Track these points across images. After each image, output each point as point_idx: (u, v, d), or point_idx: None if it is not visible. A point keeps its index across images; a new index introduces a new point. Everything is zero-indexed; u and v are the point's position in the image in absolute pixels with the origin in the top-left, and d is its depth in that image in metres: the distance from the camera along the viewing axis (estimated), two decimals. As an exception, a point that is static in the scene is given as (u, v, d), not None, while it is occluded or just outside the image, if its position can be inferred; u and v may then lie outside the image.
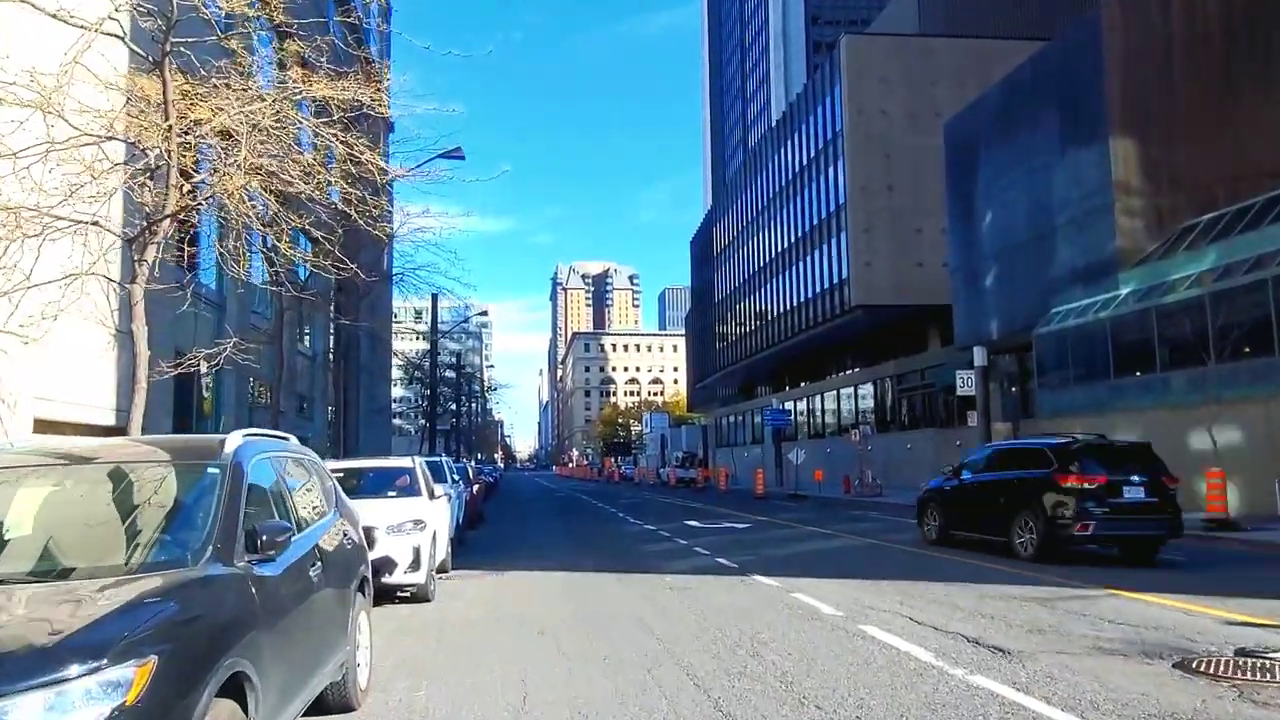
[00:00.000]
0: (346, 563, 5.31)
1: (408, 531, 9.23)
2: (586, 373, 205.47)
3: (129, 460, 4.40)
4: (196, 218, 16.40)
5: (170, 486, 4.11)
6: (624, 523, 21.96)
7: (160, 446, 4.68)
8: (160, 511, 4.02)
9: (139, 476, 4.19)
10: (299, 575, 4.25)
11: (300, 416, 33.09)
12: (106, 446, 4.76)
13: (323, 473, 5.77)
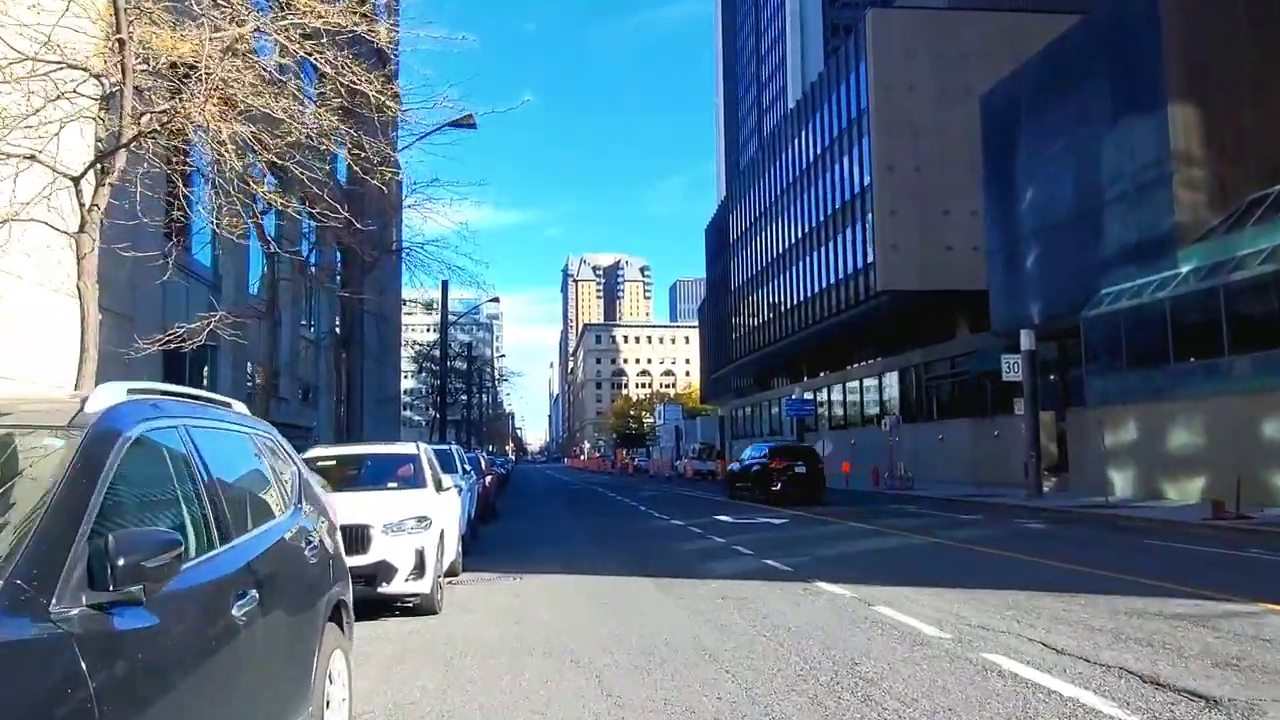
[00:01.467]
0: (309, 585, 3.72)
1: (410, 530, 7.66)
2: (597, 365, 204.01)
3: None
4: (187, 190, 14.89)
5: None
6: (648, 518, 20.38)
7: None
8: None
9: None
10: (208, 616, 2.62)
11: (304, 405, 31.63)
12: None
13: (284, 456, 4.18)
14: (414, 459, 9.44)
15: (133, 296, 16.48)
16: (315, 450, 9.61)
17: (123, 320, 15.35)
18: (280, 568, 3.36)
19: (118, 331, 14.53)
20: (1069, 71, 28.35)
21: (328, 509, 4.56)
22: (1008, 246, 31.77)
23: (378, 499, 8.19)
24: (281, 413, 28.65)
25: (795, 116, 58.02)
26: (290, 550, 3.59)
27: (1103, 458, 22.86)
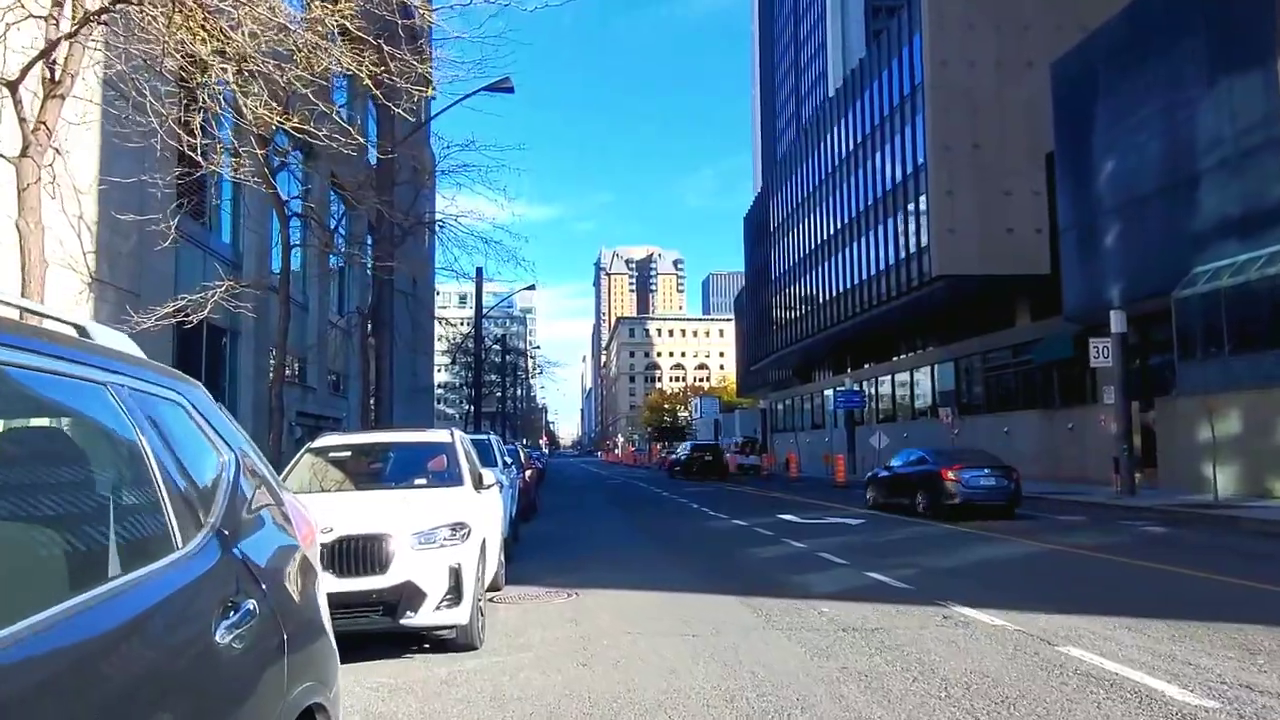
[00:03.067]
0: (230, 697, 1.86)
1: (443, 542, 5.85)
2: (631, 358, 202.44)
3: None
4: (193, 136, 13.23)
5: None
6: (704, 516, 18.51)
7: None
8: None
9: None
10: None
11: (333, 395, 30.13)
12: None
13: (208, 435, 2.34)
14: (448, 449, 7.63)
15: (139, 271, 14.88)
16: (325, 439, 7.85)
17: (127, 296, 13.73)
18: (139, 675, 1.51)
19: (120, 310, 12.94)
20: (1155, 32, 25.93)
21: (297, 526, 2.72)
22: (1083, 224, 29.40)
23: (402, 501, 6.40)
24: (309, 402, 27.20)
25: (839, 100, 55.65)
26: (179, 633, 1.72)
27: (1205, 452, 20.57)
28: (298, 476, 7.24)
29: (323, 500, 6.60)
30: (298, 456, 7.59)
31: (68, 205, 13.52)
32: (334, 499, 6.65)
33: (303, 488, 7.12)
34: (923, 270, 41.67)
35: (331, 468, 7.51)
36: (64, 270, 13.23)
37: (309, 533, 2.78)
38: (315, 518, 5.57)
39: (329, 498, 6.73)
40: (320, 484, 7.26)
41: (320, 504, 6.45)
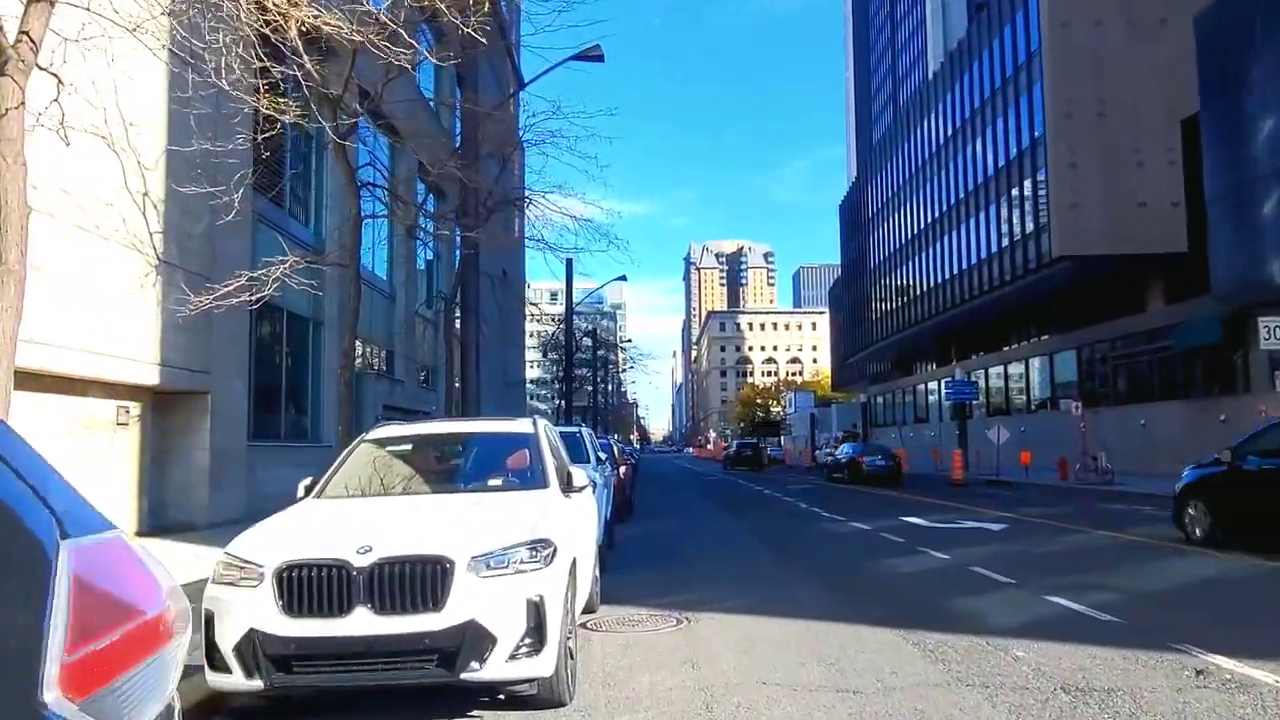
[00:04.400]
0: None
1: (519, 567, 4.33)
2: (722, 352, 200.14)
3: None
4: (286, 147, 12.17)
5: None
6: (818, 518, 16.72)
7: None
8: None
9: None
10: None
11: (422, 388, 29.32)
12: None
13: None
14: (528, 441, 6.13)
15: (211, 255, 13.97)
16: (384, 428, 6.46)
17: (195, 279, 12.81)
18: None
19: (187, 292, 11.97)
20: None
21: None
22: (1235, 194, 26.29)
23: (468, 509, 4.91)
24: (397, 395, 26.41)
25: (941, 77, 52.58)
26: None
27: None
28: (347, 474, 5.86)
29: (365, 509, 5.19)
30: (349, 449, 6.22)
31: (131, 181, 12.68)
32: (379, 507, 5.23)
33: (351, 488, 5.74)
34: (1040, 251, 38.61)
35: (389, 465, 6.12)
36: (129, 251, 12.40)
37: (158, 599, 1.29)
38: (347, 535, 4.11)
39: (374, 505, 5.32)
40: (373, 485, 5.86)
41: (361, 514, 5.02)
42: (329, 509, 5.04)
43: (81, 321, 11.20)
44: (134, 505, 13.13)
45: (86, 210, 11.38)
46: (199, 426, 14.18)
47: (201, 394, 14.12)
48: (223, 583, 4.31)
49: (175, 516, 13.88)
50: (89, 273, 11.36)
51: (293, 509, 5.22)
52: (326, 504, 5.27)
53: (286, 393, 18.47)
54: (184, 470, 14.06)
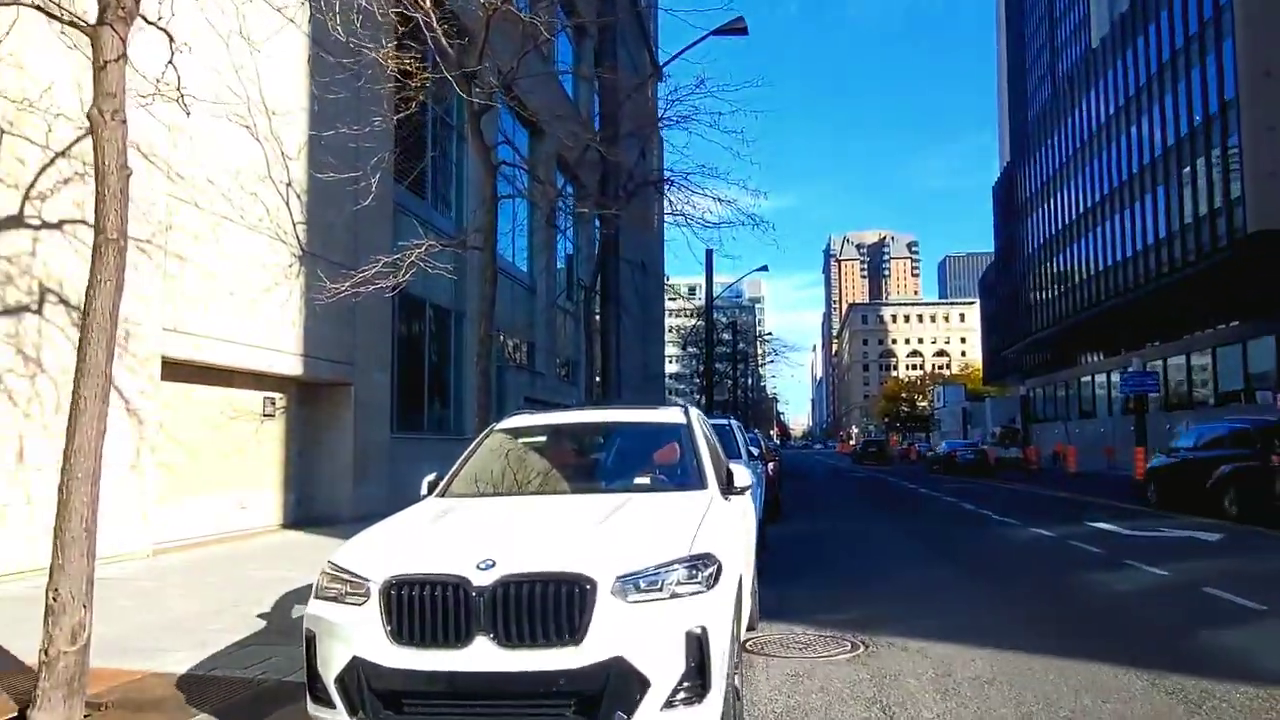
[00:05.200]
0: None
1: (676, 590, 3.44)
2: (864, 346, 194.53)
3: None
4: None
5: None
6: (987, 521, 15.17)
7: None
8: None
9: None
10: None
11: (563, 381, 29.10)
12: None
13: None
14: (680, 433, 5.25)
15: (353, 246, 13.87)
16: (516, 418, 5.72)
17: (338, 269, 12.66)
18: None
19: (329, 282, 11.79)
20: None
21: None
22: None
23: (611, 514, 4.04)
24: (538, 388, 26.22)
25: (1108, 44, 48.50)
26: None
27: None
28: (476, 469, 5.16)
29: (491, 511, 4.43)
30: (479, 439, 5.52)
31: (274, 170, 12.65)
32: (508, 510, 4.46)
33: (480, 485, 5.02)
34: (1232, 227, 34.89)
35: (522, 458, 5.38)
36: (273, 241, 12.35)
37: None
38: (465, 546, 3.36)
39: (502, 507, 4.55)
40: (504, 481, 5.13)
41: (486, 518, 4.26)
42: (451, 511, 4.30)
43: (227, 312, 11.14)
44: (280, 497, 13.13)
45: (232, 200, 11.32)
46: (343, 418, 14.10)
47: (345, 385, 14.03)
48: (326, 598, 3.64)
49: (320, 509, 13.85)
50: (234, 263, 11.30)
51: (411, 510, 4.54)
52: (449, 504, 4.55)
53: (429, 385, 18.39)
54: (328, 462, 14.01)
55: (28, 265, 8.23)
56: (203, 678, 4.83)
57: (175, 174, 10.23)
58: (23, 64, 8.22)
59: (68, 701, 4.06)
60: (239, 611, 6.67)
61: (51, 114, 8.36)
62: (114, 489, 9.22)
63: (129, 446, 9.45)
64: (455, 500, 4.67)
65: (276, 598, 7.25)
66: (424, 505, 4.65)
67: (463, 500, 4.63)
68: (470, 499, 4.70)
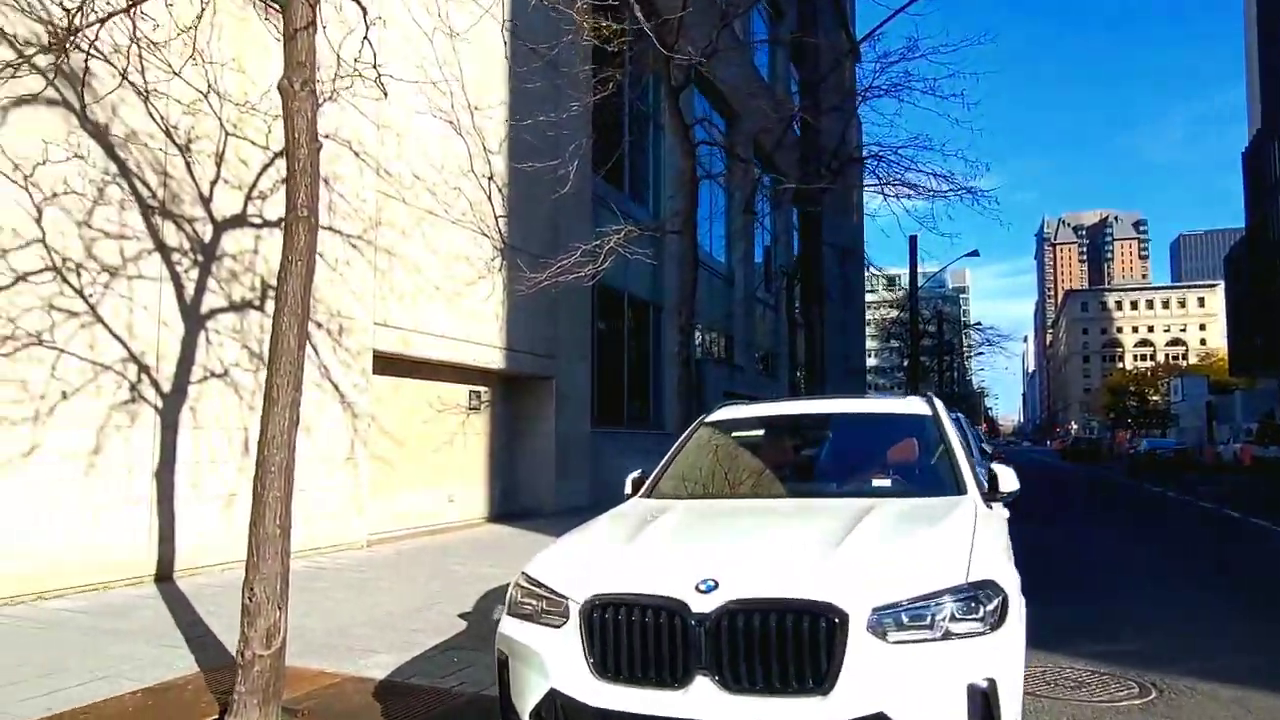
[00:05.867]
0: None
1: (946, 627, 2.67)
2: (1084, 335, 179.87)
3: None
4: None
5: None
6: (1269, 535, 13.00)
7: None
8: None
9: None
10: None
11: (763, 375, 28.33)
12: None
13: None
14: (924, 425, 4.43)
15: (554, 239, 13.78)
16: (727, 410, 5.07)
17: (539, 263, 12.56)
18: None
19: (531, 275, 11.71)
20: None
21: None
22: None
23: (852, 526, 3.28)
24: (737, 382, 25.56)
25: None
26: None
27: None
28: (684, 467, 4.57)
29: (706, 518, 3.79)
30: (687, 433, 4.93)
31: (477, 164, 12.73)
32: (725, 517, 3.81)
33: (688, 486, 4.43)
34: None
35: (735, 455, 4.73)
36: (476, 235, 12.43)
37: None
38: (682, 562, 2.73)
39: (719, 514, 3.90)
40: (714, 482, 4.50)
41: (701, 526, 3.63)
42: (660, 516, 3.69)
43: (433, 306, 11.26)
44: (485, 491, 13.24)
45: (436, 195, 11.44)
46: (545, 412, 14.07)
47: (546, 379, 13.99)
48: (519, 616, 3.15)
49: (523, 503, 13.87)
50: (439, 257, 11.40)
51: (615, 513, 3.98)
52: (657, 507, 3.94)
53: (627, 378, 18.20)
54: (530, 456, 14.01)
55: (251, 263, 8.49)
56: (400, 686, 4.54)
57: (383, 170, 10.40)
58: (244, 68, 8.50)
59: (263, 709, 3.83)
60: (441, 610, 6.46)
61: (270, 115, 8.59)
62: (332, 481, 9.45)
63: (344, 440, 9.66)
64: (663, 502, 4.09)
65: (478, 596, 7.03)
66: (629, 508, 4.09)
67: (672, 503, 4.02)
68: (680, 501, 4.09)
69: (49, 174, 6.68)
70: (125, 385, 7.21)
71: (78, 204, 6.89)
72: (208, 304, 7.99)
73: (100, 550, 6.96)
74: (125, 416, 7.19)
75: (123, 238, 7.24)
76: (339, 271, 9.57)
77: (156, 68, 7.54)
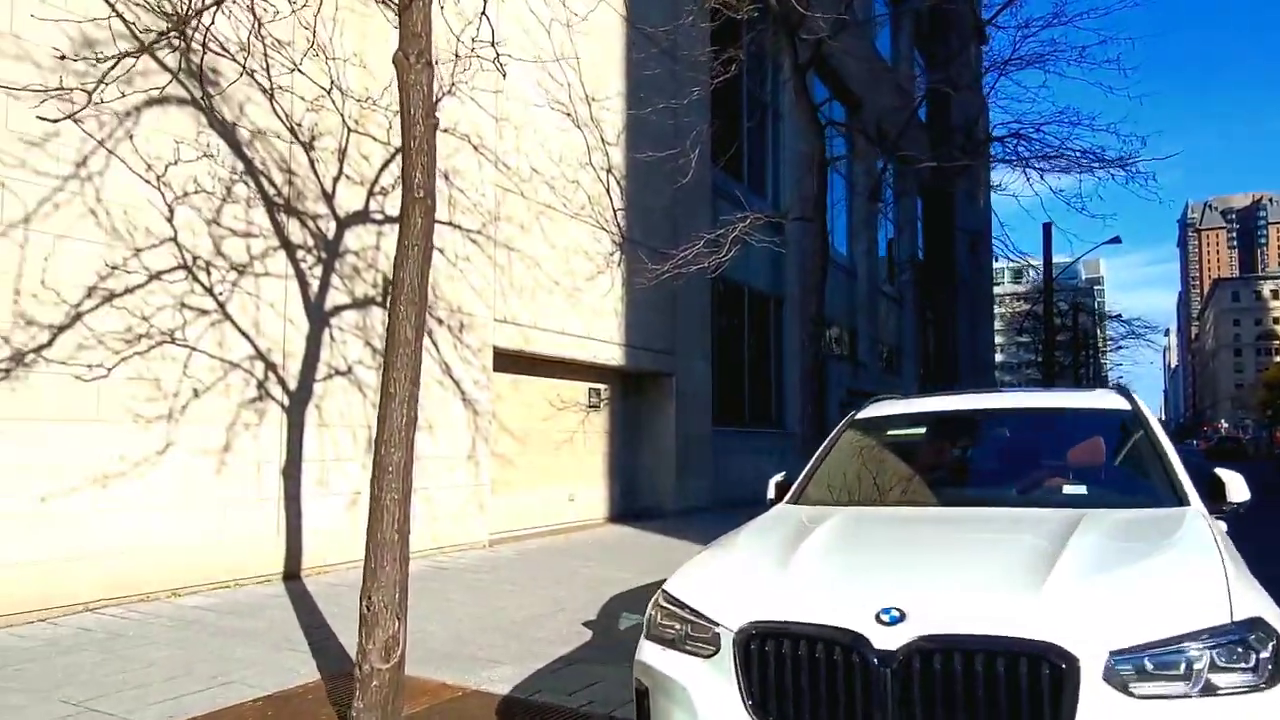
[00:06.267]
0: None
1: (1206, 678, 2.11)
2: (1235, 327, 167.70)
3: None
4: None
5: None
6: None
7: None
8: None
9: None
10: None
11: (886, 372, 27.23)
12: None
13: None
14: (1123, 423, 3.79)
15: (672, 232, 13.39)
16: (877, 405, 4.52)
17: (658, 256, 12.23)
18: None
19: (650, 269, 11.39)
20: None
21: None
22: None
23: (1056, 544, 2.71)
24: (861, 379, 24.57)
25: None
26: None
27: None
28: (833, 469, 4.08)
29: (873, 529, 3.28)
30: (833, 436, 4.42)
31: (594, 157, 12.48)
32: (895, 531, 3.27)
33: (843, 491, 3.93)
34: None
35: (890, 458, 4.20)
36: (594, 229, 12.18)
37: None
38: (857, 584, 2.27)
39: (885, 526, 3.37)
40: (871, 487, 3.98)
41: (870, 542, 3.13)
42: (817, 528, 3.17)
43: (552, 302, 11.05)
44: (605, 490, 12.98)
45: (555, 188, 11.22)
46: (665, 410, 13.71)
47: (666, 376, 13.63)
48: (661, 641, 2.74)
49: (643, 502, 13.55)
50: (557, 252, 11.19)
51: (761, 523, 3.51)
52: (811, 517, 3.44)
53: (749, 375, 17.65)
54: (651, 455, 13.68)
55: (373, 259, 8.43)
56: (525, 704, 4.22)
57: (502, 164, 10.24)
58: (365, 63, 8.45)
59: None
60: (566, 616, 6.16)
61: (391, 111, 8.51)
62: (453, 479, 9.34)
63: (465, 438, 9.53)
64: (815, 510, 3.60)
65: (603, 602, 6.69)
66: (777, 516, 3.62)
67: (827, 511, 3.51)
68: (835, 509, 3.59)
69: (180, 173, 6.72)
70: (253, 383, 7.21)
71: (207, 202, 6.91)
72: (331, 301, 7.95)
73: (230, 548, 6.98)
74: (254, 414, 7.20)
75: (249, 235, 7.25)
76: (459, 267, 9.44)
77: (280, 64, 7.54)
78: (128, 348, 6.30)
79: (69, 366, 5.96)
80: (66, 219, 6.00)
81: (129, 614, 5.92)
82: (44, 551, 5.79)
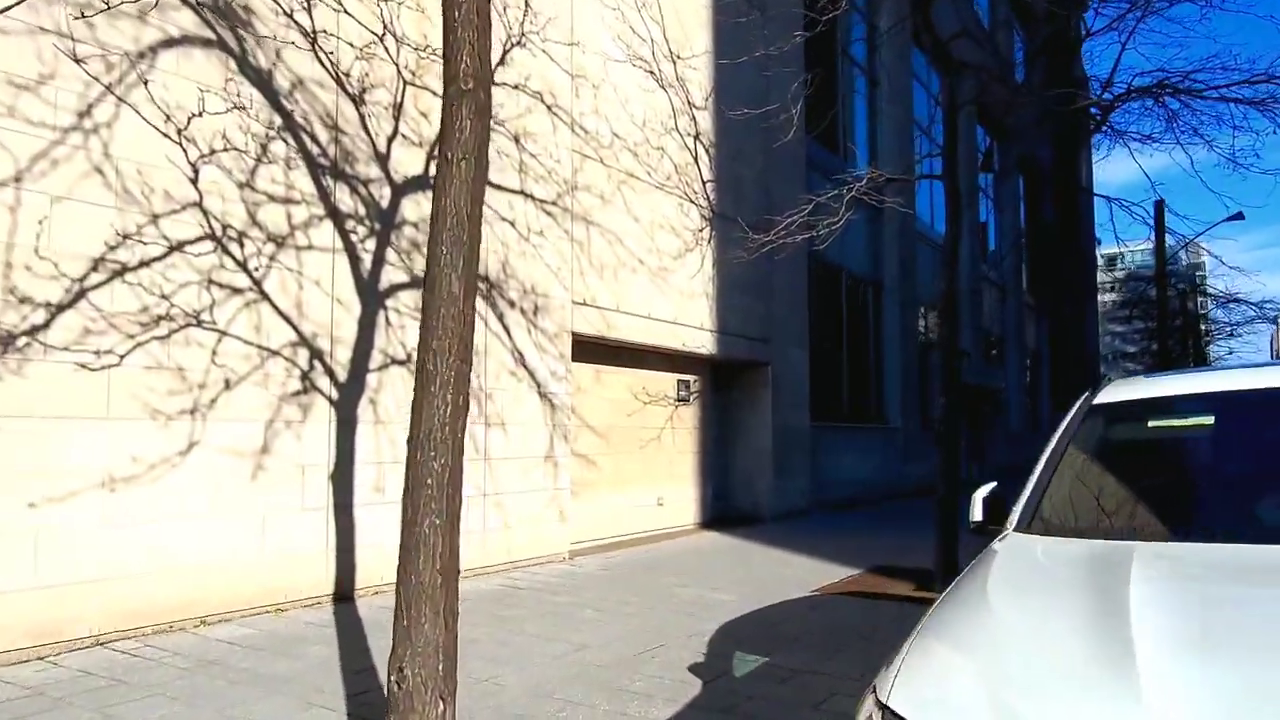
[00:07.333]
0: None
1: None
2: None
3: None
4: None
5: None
6: None
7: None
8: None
9: None
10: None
11: (989, 363, 25.33)
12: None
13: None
14: None
15: (765, 205, 12.04)
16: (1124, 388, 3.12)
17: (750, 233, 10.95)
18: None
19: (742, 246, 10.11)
20: None
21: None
22: None
23: None
24: (964, 370, 22.78)
25: None
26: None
27: None
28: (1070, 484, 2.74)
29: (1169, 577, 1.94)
30: (1065, 430, 3.04)
31: (681, 122, 11.24)
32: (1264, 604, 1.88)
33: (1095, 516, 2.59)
34: None
35: (1159, 464, 2.84)
36: (681, 201, 10.96)
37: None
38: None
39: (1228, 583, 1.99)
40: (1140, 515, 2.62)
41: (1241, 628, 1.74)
42: (1114, 586, 1.85)
43: (636, 283, 9.84)
44: (696, 492, 11.72)
45: (638, 155, 10.01)
46: (759, 403, 12.39)
47: (761, 366, 12.31)
48: None
49: (737, 505, 12.26)
50: (641, 227, 9.97)
51: (1002, 573, 2.18)
52: (1075, 561, 2.11)
53: (848, 366, 16.18)
54: (745, 453, 12.38)
55: (434, 233, 7.35)
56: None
57: (578, 127, 9.08)
58: (422, 6, 7.37)
59: None
60: (665, 658, 4.94)
61: (452, 64, 7.42)
62: (529, 483, 8.22)
63: (542, 436, 8.41)
64: (1075, 548, 2.27)
65: (708, 635, 5.46)
66: (1021, 561, 2.29)
67: (1101, 553, 2.18)
68: (1109, 547, 2.25)
69: (205, 126, 5.72)
70: (296, 373, 6.19)
71: (238, 162, 5.90)
72: (387, 278, 6.89)
73: (270, 566, 5.97)
74: (296, 409, 6.17)
75: (289, 201, 6.22)
76: (531, 242, 8.31)
77: (325, 3, 6.51)
78: (144, 331, 5.32)
79: (72, 353, 4.99)
80: (66, 177, 5.04)
81: (143, 649, 4.93)
82: (41, 574, 4.84)
